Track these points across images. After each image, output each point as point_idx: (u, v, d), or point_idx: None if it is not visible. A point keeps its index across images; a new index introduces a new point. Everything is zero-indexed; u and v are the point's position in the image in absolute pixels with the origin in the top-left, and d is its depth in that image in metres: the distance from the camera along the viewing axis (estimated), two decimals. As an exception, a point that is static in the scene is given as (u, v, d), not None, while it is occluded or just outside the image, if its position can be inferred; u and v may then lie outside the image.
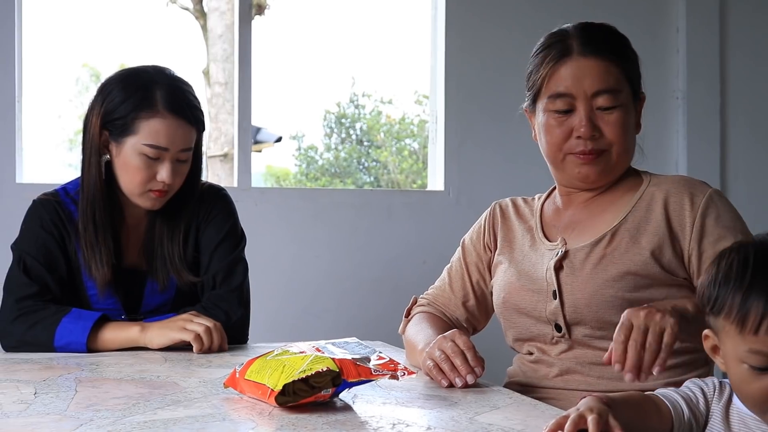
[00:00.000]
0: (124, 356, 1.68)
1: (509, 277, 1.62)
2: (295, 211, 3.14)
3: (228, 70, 7.46)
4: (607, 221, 1.55)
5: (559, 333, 1.54)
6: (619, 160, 1.56)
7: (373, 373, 1.24)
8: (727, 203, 1.53)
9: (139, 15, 11.66)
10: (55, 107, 10.55)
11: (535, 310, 1.57)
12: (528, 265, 1.61)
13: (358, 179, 10.29)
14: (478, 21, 3.31)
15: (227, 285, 1.88)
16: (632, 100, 1.56)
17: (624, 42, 1.58)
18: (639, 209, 1.53)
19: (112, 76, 1.84)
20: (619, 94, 1.53)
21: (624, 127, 1.54)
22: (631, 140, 1.57)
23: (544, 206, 1.68)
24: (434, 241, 3.22)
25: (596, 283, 1.50)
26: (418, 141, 10.13)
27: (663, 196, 1.53)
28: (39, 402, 1.26)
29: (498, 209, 1.73)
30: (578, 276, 1.52)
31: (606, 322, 1.49)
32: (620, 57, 1.55)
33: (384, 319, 3.16)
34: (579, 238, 1.56)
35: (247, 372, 1.28)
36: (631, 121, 1.56)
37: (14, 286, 1.82)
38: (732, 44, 3.59)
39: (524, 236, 1.65)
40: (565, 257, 1.55)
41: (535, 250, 1.61)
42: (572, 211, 1.62)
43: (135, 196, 1.83)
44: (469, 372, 1.39)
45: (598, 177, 1.56)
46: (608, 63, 1.52)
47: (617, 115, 1.53)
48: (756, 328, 1.01)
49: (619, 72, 1.54)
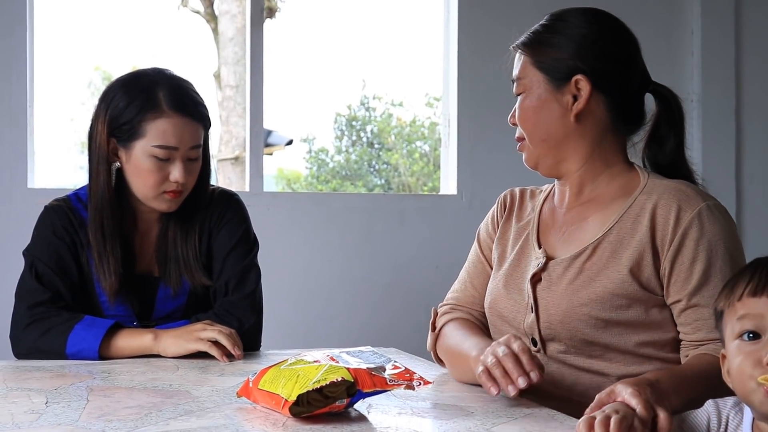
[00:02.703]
0: (136, 364, 1.67)
1: (498, 282, 1.58)
2: (307, 216, 3.12)
3: (239, 73, 7.46)
4: (592, 231, 1.48)
5: (535, 347, 1.49)
6: (536, 147, 1.53)
7: (389, 383, 1.22)
8: (719, 220, 1.42)
9: (151, 18, 11.70)
10: (67, 110, 10.60)
11: (515, 320, 1.52)
12: (516, 271, 1.55)
13: (369, 182, 10.29)
14: (490, 22, 3.29)
15: (240, 292, 1.87)
16: (548, 84, 1.50)
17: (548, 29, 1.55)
18: (626, 220, 1.45)
19: (113, 83, 1.83)
20: (522, 80, 1.53)
21: (526, 112, 1.53)
22: (543, 130, 1.51)
23: (545, 205, 1.62)
24: (447, 246, 3.20)
25: (571, 301, 1.44)
26: (428, 143, 10.12)
27: (652, 207, 1.44)
28: (50, 412, 1.25)
29: (505, 200, 1.69)
30: (554, 291, 1.47)
31: (580, 340, 1.44)
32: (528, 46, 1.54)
33: (397, 324, 3.16)
34: (563, 248, 1.51)
35: (261, 381, 1.27)
36: (540, 107, 1.51)
37: (26, 292, 1.81)
38: (747, 46, 3.56)
39: (519, 236, 1.60)
40: (544, 269, 1.49)
41: (526, 256, 1.56)
42: (563, 212, 1.56)
43: (150, 200, 1.82)
44: (521, 375, 1.27)
45: (527, 162, 1.57)
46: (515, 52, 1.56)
47: (521, 100, 1.54)
48: (741, 295, 1.05)
49: (526, 59, 1.53)
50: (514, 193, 1.69)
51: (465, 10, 3.28)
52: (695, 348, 1.39)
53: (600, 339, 1.43)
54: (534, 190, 1.68)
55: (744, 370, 1.04)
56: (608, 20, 1.54)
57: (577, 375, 1.46)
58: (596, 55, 1.49)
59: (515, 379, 1.27)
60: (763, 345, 1.03)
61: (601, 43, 1.51)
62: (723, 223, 1.42)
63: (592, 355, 1.44)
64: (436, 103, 9.66)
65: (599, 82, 1.49)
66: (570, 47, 1.50)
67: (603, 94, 1.50)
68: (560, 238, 1.53)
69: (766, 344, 1.02)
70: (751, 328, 1.04)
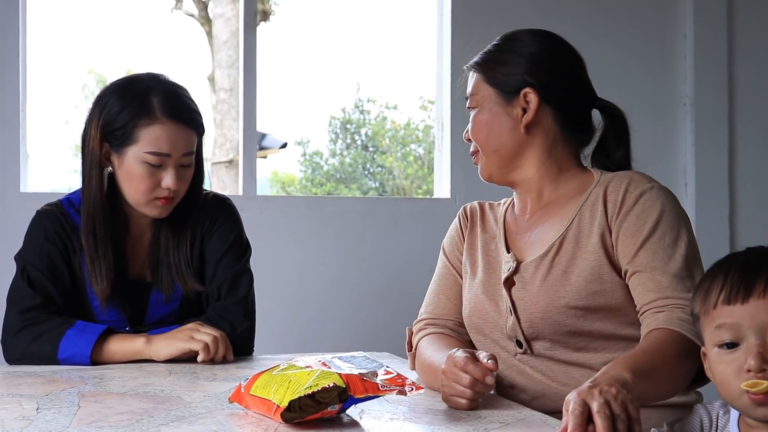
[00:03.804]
0: (128, 369, 1.67)
1: (476, 290, 1.61)
2: (300, 219, 3.12)
3: (233, 76, 7.45)
4: (555, 229, 1.53)
5: (521, 349, 1.52)
6: (489, 159, 1.59)
7: (381, 388, 1.22)
8: (662, 197, 1.47)
9: (145, 21, 11.68)
10: (61, 113, 10.58)
11: (497, 324, 1.56)
12: (491, 278, 1.59)
13: (364, 185, 10.28)
14: (483, 26, 3.29)
15: (232, 296, 1.86)
16: (499, 98, 1.57)
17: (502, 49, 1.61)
18: (585, 211, 1.52)
19: (107, 88, 1.83)
20: (474, 96, 1.60)
21: (478, 126, 1.59)
22: (497, 141, 1.58)
23: (507, 214, 1.66)
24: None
25: (548, 296, 1.48)
26: (423, 146, 10.12)
27: (603, 191, 1.51)
28: (41, 418, 1.24)
29: (466, 213, 1.72)
30: (529, 290, 1.51)
31: (564, 333, 1.48)
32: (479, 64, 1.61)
33: (391, 328, 3.14)
34: (531, 250, 1.55)
35: (253, 387, 1.26)
36: (491, 121, 1.58)
37: (18, 297, 1.80)
38: (740, 50, 3.57)
39: (487, 246, 1.64)
40: (516, 272, 1.54)
41: (497, 263, 1.60)
42: (526, 218, 1.61)
43: (141, 206, 1.81)
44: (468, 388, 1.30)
45: (481, 174, 1.63)
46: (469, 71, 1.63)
47: (474, 114, 1.60)
48: (715, 302, 1.06)
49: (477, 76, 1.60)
50: (473, 206, 1.73)
51: (458, 13, 3.28)
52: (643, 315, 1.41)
53: (582, 327, 1.47)
54: (492, 203, 1.73)
55: (727, 379, 1.05)
56: (556, 40, 1.62)
57: (566, 369, 1.49)
58: (544, 70, 1.57)
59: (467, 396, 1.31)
60: (743, 352, 1.04)
61: (548, 59, 1.59)
62: (666, 199, 1.48)
63: (578, 347, 1.48)
64: (430, 106, 9.66)
65: (546, 94, 1.56)
66: (519, 63, 1.58)
67: (550, 106, 1.57)
68: (526, 241, 1.58)
69: (745, 351, 1.03)
70: (729, 339, 1.05)
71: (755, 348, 1.02)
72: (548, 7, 3.36)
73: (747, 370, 1.02)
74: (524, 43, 1.60)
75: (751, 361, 1.02)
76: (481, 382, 1.31)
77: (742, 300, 1.04)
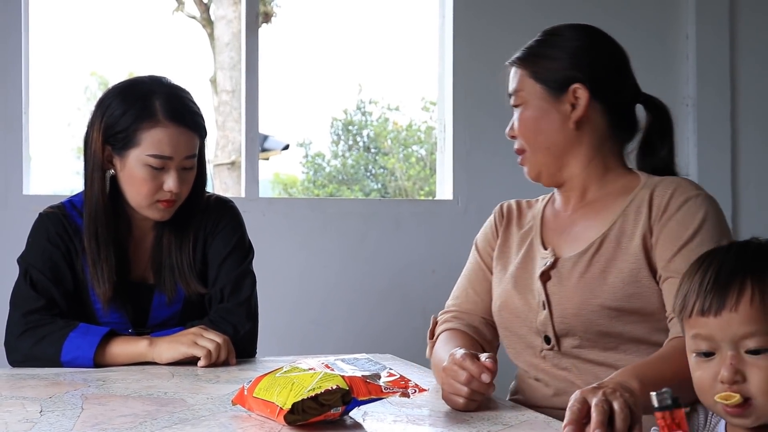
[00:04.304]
0: (131, 371, 1.67)
1: (506, 284, 1.60)
2: (303, 221, 3.12)
3: (235, 78, 7.45)
4: (596, 228, 1.53)
5: (548, 345, 1.52)
6: (536, 156, 1.58)
7: (384, 390, 1.22)
8: (707, 206, 1.45)
9: (147, 23, 11.70)
10: (64, 115, 10.60)
11: (527, 319, 1.55)
12: (524, 273, 1.58)
13: (366, 186, 10.29)
14: (486, 27, 3.30)
15: (235, 298, 1.86)
16: (547, 95, 1.55)
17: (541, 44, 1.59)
18: (629, 213, 1.50)
19: (110, 90, 1.83)
20: (520, 93, 1.57)
21: (525, 123, 1.57)
22: (543, 138, 1.56)
23: (546, 210, 1.66)
24: (443, 251, 3.19)
25: (583, 293, 1.48)
26: (425, 148, 10.12)
27: (649, 194, 1.50)
28: (45, 421, 1.24)
29: (503, 211, 1.72)
30: (565, 286, 1.50)
31: (595, 332, 1.47)
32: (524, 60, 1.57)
33: (393, 329, 3.15)
34: (570, 246, 1.54)
35: (256, 389, 1.26)
36: (539, 117, 1.55)
37: (21, 300, 1.80)
38: (742, 50, 3.56)
39: (522, 242, 1.63)
40: (553, 267, 1.53)
41: (532, 258, 1.59)
42: (568, 214, 1.60)
43: (143, 209, 1.81)
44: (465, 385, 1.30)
45: (529, 174, 1.61)
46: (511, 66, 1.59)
47: (520, 112, 1.57)
48: (690, 312, 1.06)
49: (522, 72, 1.57)
50: (510, 204, 1.73)
51: (460, 14, 3.28)
52: (670, 322, 1.40)
53: (614, 329, 1.46)
54: (530, 201, 1.72)
55: (703, 386, 1.06)
56: (600, 34, 1.60)
57: (592, 368, 1.48)
58: (591, 65, 1.55)
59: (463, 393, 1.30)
60: (717, 362, 1.04)
61: (595, 53, 1.56)
62: (710, 208, 1.46)
63: (607, 347, 1.47)
64: (432, 107, 9.66)
65: (596, 90, 1.54)
66: (566, 58, 1.55)
67: (599, 101, 1.55)
68: (566, 238, 1.57)
69: (719, 362, 1.04)
70: (705, 349, 1.06)
71: (728, 360, 1.03)
72: (550, 7, 3.36)
73: (721, 382, 1.03)
74: (568, 38, 1.58)
75: (724, 372, 1.03)
76: (477, 380, 1.30)
77: (715, 313, 1.04)
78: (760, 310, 1.02)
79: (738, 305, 1.03)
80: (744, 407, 1.03)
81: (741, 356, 1.03)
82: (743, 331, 1.02)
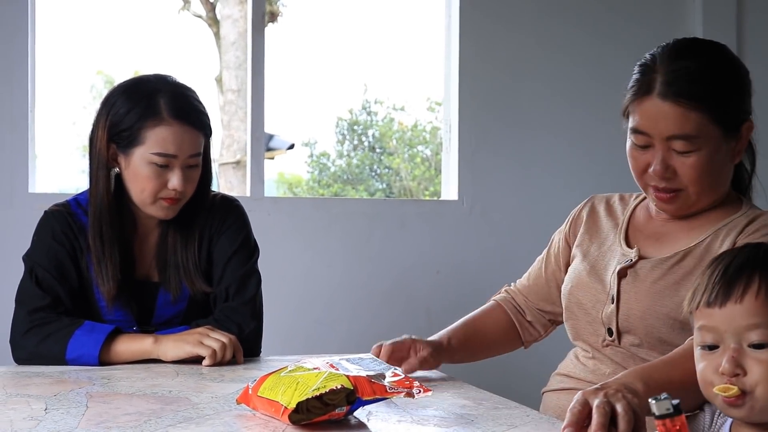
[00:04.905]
0: (135, 369, 1.67)
1: (580, 270, 1.64)
2: (308, 221, 3.12)
3: (241, 77, 7.46)
4: (685, 240, 1.53)
5: (611, 337, 1.54)
6: (699, 198, 1.51)
7: (388, 390, 1.22)
8: None
9: (153, 22, 11.71)
10: (69, 114, 10.62)
11: (594, 308, 1.58)
12: (601, 263, 1.61)
13: (371, 186, 10.29)
14: (492, 27, 3.29)
15: (240, 297, 1.86)
16: (722, 136, 1.47)
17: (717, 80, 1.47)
18: (720, 234, 1.49)
19: (115, 89, 1.83)
20: (696, 139, 1.46)
21: (700, 169, 1.47)
22: (711, 179, 1.49)
23: (637, 209, 1.66)
24: (448, 251, 3.19)
25: (653, 298, 1.49)
26: (430, 148, 10.12)
27: (746, 222, 1.48)
28: (49, 419, 1.24)
29: (589, 204, 1.74)
30: (639, 287, 1.52)
31: (655, 338, 1.49)
32: (704, 101, 1.45)
33: (398, 329, 3.13)
34: (655, 251, 1.55)
35: (260, 388, 1.26)
36: (713, 160, 1.47)
37: (26, 297, 1.80)
38: (749, 52, 3.55)
39: (607, 234, 1.65)
40: (632, 266, 1.54)
41: (612, 251, 1.61)
42: (661, 221, 1.59)
43: (147, 206, 1.81)
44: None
45: (675, 212, 1.55)
46: (687, 110, 1.44)
47: (694, 159, 1.46)
48: (698, 303, 1.08)
49: (701, 116, 1.45)
50: (600, 197, 1.75)
51: (466, 14, 3.27)
52: None
53: (675, 340, 1.46)
54: (624, 195, 1.71)
55: (705, 377, 1.08)
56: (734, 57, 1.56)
57: None
58: (748, 97, 1.53)
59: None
60: (720, 354, 1.05)
61: (748, 84, 1.54)
62: None
63: (663, 352, 1.46)
64: (437, 108, 9.66)
65: (750, 121, 1.53)
66: (740, 95, 1.51)
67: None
68: (653, 242, 1.58)
69: (722, 354, 1.05)
70: (709, 341, 1.07)
71: (730, 352, 1.04)
72: (556, 8, 3.35)
73: (721, 374, 1.04)
74: (736, 70, 1.52)
75: (725, 364, 1.04)
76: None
77: (720, 304, 1.05)
78: (765, 303, 1.03)
79: (743, 297, 1.04)
80: (740, 397, 1.04)
81: (743, 350, 1.04)
82: (747, 323, 1.03)
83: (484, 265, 3.16)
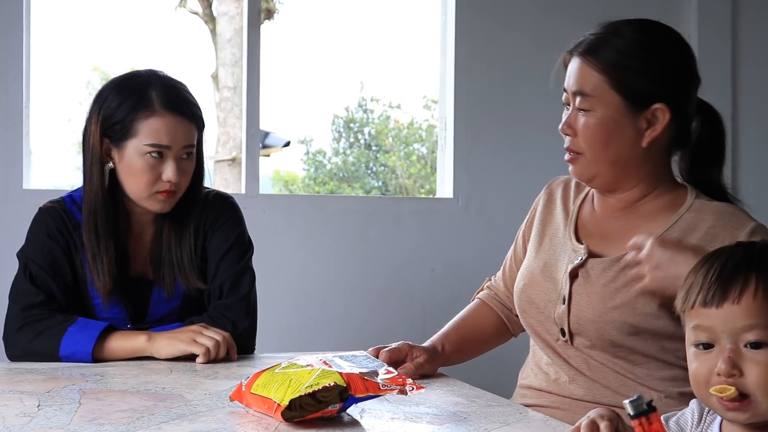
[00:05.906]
0: (129, 366, 1.67)
1: (534, 268, 1.61)
2: (303, 218, 3.12)
3: (237, 74, 7.46)
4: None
5: (564, 337, 1.53)
6: (597, 166, 1.51)
7: (381, 387, 1.22)
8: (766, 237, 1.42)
9: (149, 19, 11.69)
10: (65, 110, 10.60)
11: (546, 308, 1.56)
12: (552, 260, 1.58)
13: (366, 184, 10.28)
14: (488, 25, 3.29)
15: (234, 294, 1.86)
16: (623, 107, 1.47)
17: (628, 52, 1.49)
18: (672, 233, 1.46)
19: (107, 84, 1.84)
20: (591, 98, 1.49)
21: (593, 129, 1.49)
22: (610, 150, 1.49)
23: (585, 201, 1.63)
24: (443, 249, 3.19)
25: (605, 302, 1.47)
26: (426, 146, 10.12)
27: (695, 220, 1.46)
28: (42, 415, 1.24)
29: (547, 191, 1.71)
30: (590, 289, 1.50)
31: (607, 341, 1.47)
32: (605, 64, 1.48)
33: (392, 327, 3.15)
34: (604, 249, 1.53)
35: (254, 386, 1.26)
36: (608, 128, 1.48)
37: (20, 294, 1.80)
38: (744, 52, 3.56)
39: (558, 226, 1.62)
40: (583, 265, 1.52)
41: (563, 245, 1.58)
42: (606, 218, 1.57)
43: (143, 200, 1.81)
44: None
45: (578, 175, 1.55)
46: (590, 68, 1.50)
47: (588, 119, 1.49)
48: (693, 303, 1.06)
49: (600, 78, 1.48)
50: (558, 181, 1.71)
51: (462, 12, 3.27)
52: None
53: (625, 342, 1.46)
54: (580, 184, 1.67)
55: (699, 377, 1.06)
56: (687, 47, 1.54)
57: (601, 369, 1.50)
58: (678, 84, 1.49)
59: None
60: (716, 355, 1.04)
61: (682, 72, 1.50)
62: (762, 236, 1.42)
63: (617, 355, 1.48)
64: (433, 106, 9.66)
65: (676, 110, 1.49)
66: (655, 74, 1.48)
67: (677, 120, 1.49)
68: (598, 239, 1.55)
69: (718, 355, 1.04)
70: (704, 340, 1.06)
71: (727, 353, 1.03)
72: (552, 7, 3.36)
73: (717, 374, 1.03)
74: (658, 49, 1.50)
75: (721, 365, 1.03)
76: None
77: (717, 304, 1.04)
78: (763, 304, 1.03)
79: (741, 297, 1.03)
80: (742, 402, 1.03)
81: (740, 350, 1.03)
82: (744, 324, 1.02)
83: (479, 263, 3.16)
